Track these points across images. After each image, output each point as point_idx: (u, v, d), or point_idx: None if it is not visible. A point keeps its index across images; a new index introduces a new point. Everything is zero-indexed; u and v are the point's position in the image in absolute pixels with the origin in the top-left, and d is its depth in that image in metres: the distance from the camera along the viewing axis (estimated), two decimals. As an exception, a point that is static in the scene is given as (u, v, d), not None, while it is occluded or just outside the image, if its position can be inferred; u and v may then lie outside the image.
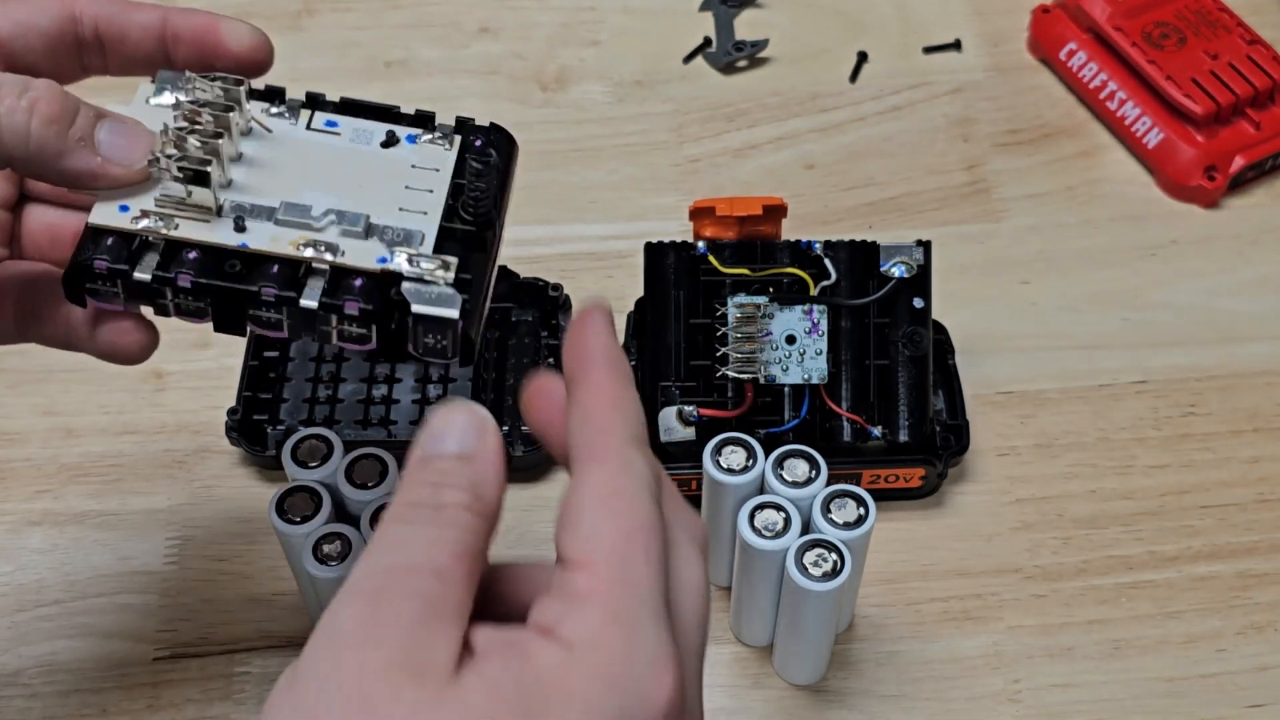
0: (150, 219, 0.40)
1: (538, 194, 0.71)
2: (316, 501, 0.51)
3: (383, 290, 0.40)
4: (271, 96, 0.44)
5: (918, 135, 0.74)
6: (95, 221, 0.40)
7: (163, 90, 0.43)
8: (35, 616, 0.57)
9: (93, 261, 0.40)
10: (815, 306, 0.57)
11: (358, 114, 0.44)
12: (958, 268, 0.67)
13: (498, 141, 0.44)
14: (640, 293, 0.60)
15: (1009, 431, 0.63)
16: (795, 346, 0.57)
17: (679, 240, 0.58)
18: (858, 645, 0.57)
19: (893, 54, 0.77)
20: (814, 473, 0.52)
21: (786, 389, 0.57)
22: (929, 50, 0.77)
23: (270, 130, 0.43)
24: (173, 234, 0.40)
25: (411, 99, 0.74)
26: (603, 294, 0.66)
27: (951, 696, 0.56)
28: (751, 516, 0.51)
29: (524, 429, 0.59)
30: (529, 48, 0.78)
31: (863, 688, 0.56)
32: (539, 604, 0.34)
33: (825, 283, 0.57)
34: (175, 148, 0.41)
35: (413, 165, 0.43)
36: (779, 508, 0.51)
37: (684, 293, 0.58)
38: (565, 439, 0.37)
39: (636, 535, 0.34)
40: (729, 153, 0.73)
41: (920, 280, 0.57)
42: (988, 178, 0.72)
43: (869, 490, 0.52)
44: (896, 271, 0.57)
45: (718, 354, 0.57)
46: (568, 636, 0.33)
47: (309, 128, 0.44)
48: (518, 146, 0.45)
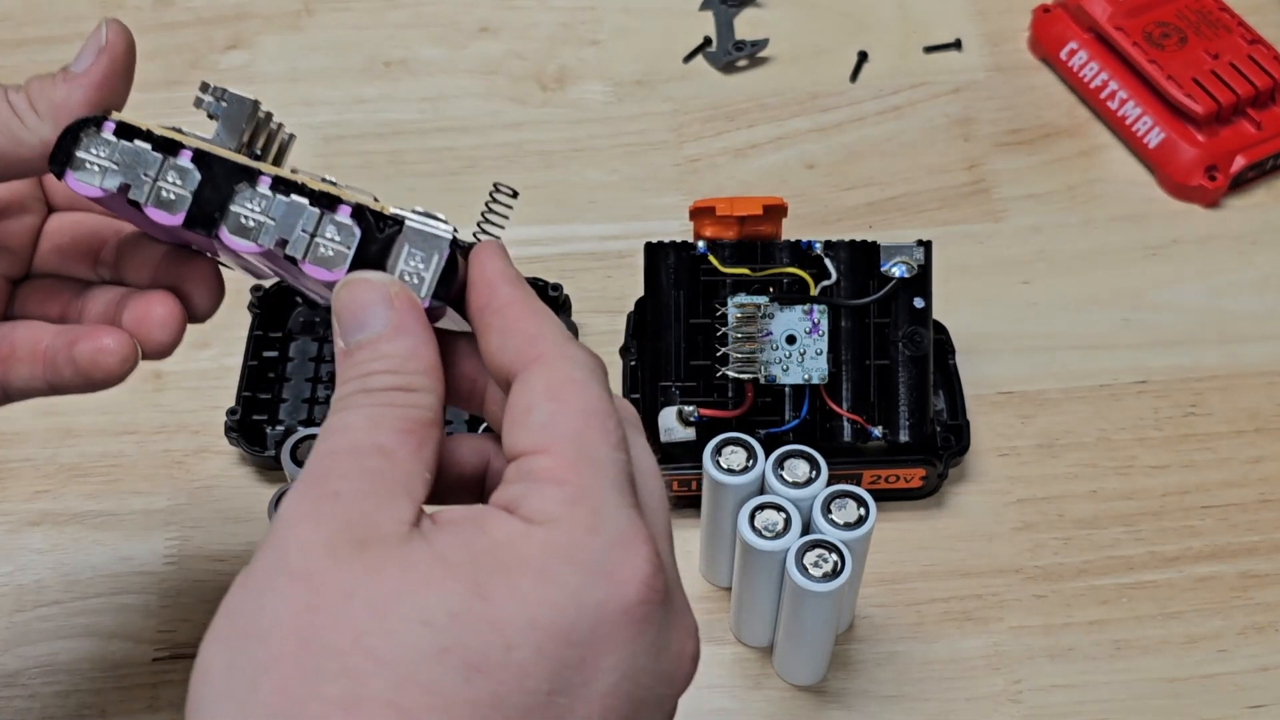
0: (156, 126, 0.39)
1: (538, 194, 0.71)
2: (316, 502, 0.51)
3: (375, 215, 0.38)
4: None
5: (918, 135, 0.74)
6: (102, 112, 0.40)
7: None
8: (34, 617, 0.57)
9: (102, 119, 0.39)
10: (815, 306, 0.57)
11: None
12: (958, 268, 0.67)
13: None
14: (640, 293, 0.60)
15: (1009, 432, 0.63)
16: (795, 346, 0.57)
17: (679, 240, 0.58)
18: (858, 646, 0.57)
19: (893, 53, 0.77)
20: (814, 473, 0.52)
21: (787, 389, 0.57)
22: (929, 50, 0.77)
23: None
24: (161, 132, 0.39)
25: (411, 99, 0.75)
26: (603, 294, 0.66)
27: (952, 697, 0.55)
28: (752, 517, 0.51)
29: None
30: (529, 47, 0.77)
31: (863, 688, 0.56)
32: (500, 489, 0.33)
33: (825, 283, 0.57)
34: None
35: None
36: (779, 508, 0.51)
37: (684, 293, 0.58)
38: (476, 321, 0.36)
39: (594, 418, 0.33)
40: (729, 152, 0.73)
41: (921, 280, 0.57)
42: (988, 177, 0.72)
43: (869, 490, 0.52)
44: (897, 271, 0.57)
45: (718, 354, 0.57)
46: (528, 513, 0.32)
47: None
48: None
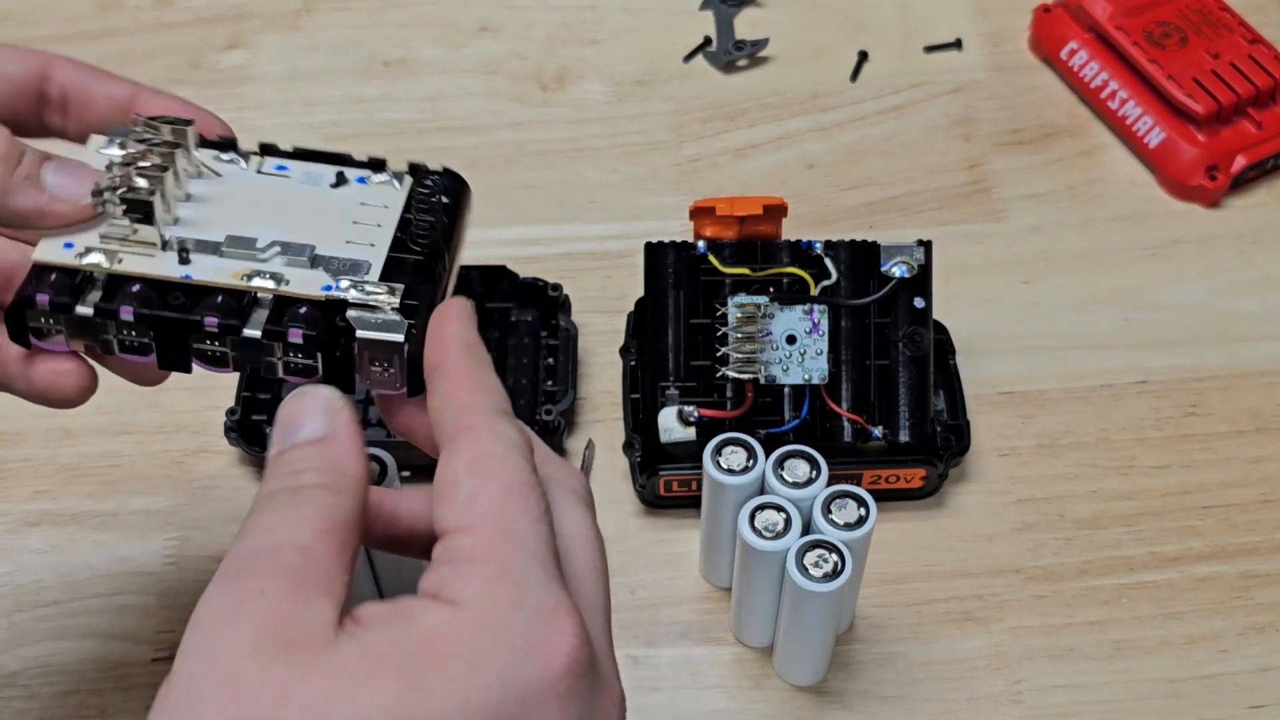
0: (94, 254, 0.40)
1: (538, 194, 0.71)
2: (315, 502, 0.51)
3: (328, 318, 0.39)
4: (223, 146, 0.43)
5: (918, 135, 0.74)
6: (39, 258, 0.40)
7: (113, 142, 0.42)
8: (33, 617, 0.57)
9: (34, 295, 0.39)
10: (816, 306, 0.57)
11: (310, 160, 0.43)
12: (958, 267, 0.67)
13: (449, 184, 0.43)
14: (640, 293, 0.60)
15: (1010, 432, 0.63)
16: (795, 346, 0.57)
17: (679, 240, 0.58)
18: (858, 646, 0.57)
19: (893, 53, 0.77)
20: (814, 473, 0.52)
21: (787, 389, 0.57)
22: (930, 49, 0.77)
23: (220, 174, 0.42)
24: (116, 268, 0.40)
25: (411, 98, 0.75)
26: (602, 294, 0.66)
27: (952, 697, 0.55)
28: (752, 517, 0.51)
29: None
30: (529, 47, 0.77)
31: (863, 689, 0.56)
32: (424, 575, 0.33)
33: (826, 282, 0.57)
34: (120, 182, 0.40)
35: (362, 203, 0.42)
36: (779, 508, 0.51)
37: (684, 293, 0.58)
38: (426, 380, 0.37)
39: (514, 493, 0.33)
40: (729, 152, 0.73)
41: (921, 280, 0.57)
42: (989, 177, 0.72)
43: (870, 491, 0.52)
44: (897, 271, 0.57)
45: (718, 354, 0.57)
46: (452, 596, 0.32)
47: (260, 171, 0.43)
48: (470, 189, 0.44)
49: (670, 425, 0.57)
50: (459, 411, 0.35)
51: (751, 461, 0.52)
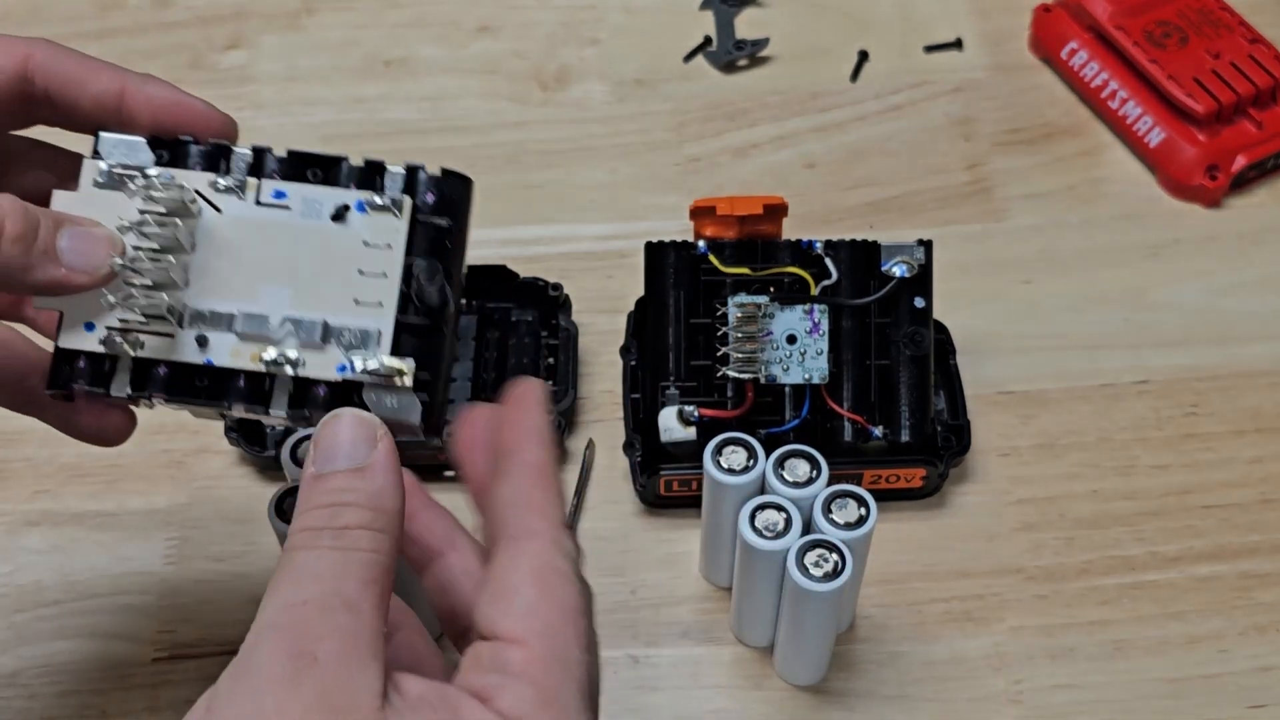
0: (116, 337, 0.41)
1: (538, 194, 0.71)
2: (316, 502, 0.51)
3: (346, 395, 0.40)
4: (217, 161, 0.42)
5: (919, 134, 0.74)
6: (65, 346, 0.41)
7: (110, 164, 0.42)
8: (34, 617, 0.57)
9: (69, 386, 0.42)
10: (816, 306, 0.57)
11: (305, 168, 0.42)
12: (959, 267, 0.67)
13: (449, 193, 0.42)
14: (640, 293, 0.60)
15: (1010, 432, 0.63)
16: (796, 346, 0.57)
17: (679, 240, 0.58)
18: (859, 646, 0.57)
19: (894, 53, 0.77)
20: (815, 473, 0.52)
21: (787, 389, 0.57)
22: (930, 49, 0.77)
23: (220, 210, 0.42)
24: (139, 354, 0.41)
25: (411, 98, 0.75)
26: (602, 294, 0.66)
27: (953, 697, 0.55)
28: (752, 517, 0.51)
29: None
30: (529, 47, 0.77)
31: (864, 689, 0.56)
32: (471, 671, 0.34)
33: (826, 282, 0.57)
34: (134, 271, 0.40)
35: (364, 243, 0.41)
36: (780, 508, 0.51)
37: (684, 292, 0.58)
38: (480, 476, 0.38)
39: (570, 617, 0.35)
40: (729, 152, 0.73)
41: (921, 280, 0.57)
42: (989, 177, 0.72)
43: (870, 490, 0.52)
44: (898, 271, 0.57)
45: (718, 354, 0.57)
46: (502, 709, 0.33)
47: (259, 202, 0.42)
48: (472, 186, 0.43)
49: (671, 425, 0.57)
50: (528, 512, 0.36)
51: (752, 461, 0.52)
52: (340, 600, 0.34)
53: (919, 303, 0.57)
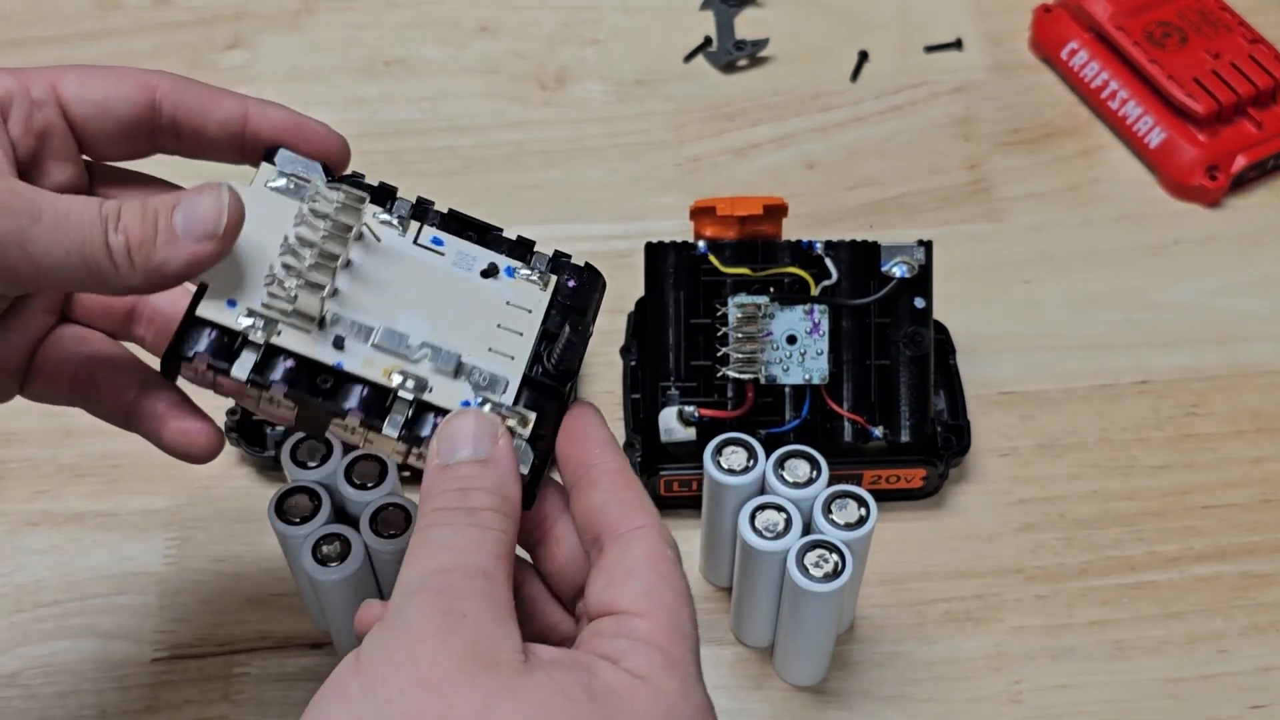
0: (255, 320, 0.41)
1: (538, 194, 0.71)
2: (316, 502, 0.51)
3: None
4: (383, 198, 0.44)
5: (919, 135, 0.74)
6: (202, 314, 0.41)
7: (282, 175, 0.43)
8: (34, 617, 0.57)
9: (192, 355, 0.41)
10: (816, 306, 0.57)
11: (463, 229, 0.45)
12: (959, 267, 0.67)
13: (588, 282, 0.45)
14: (640, 293, 0.60)
15: (1010, 432, 0.63)
16: (796, 346, 0.57)
17: (679, 240, 0.58)
18: (859, 646, 0.57)
19: (894, 53, 0.77)
20: (815, 473, 0.52)
21: (787, 389, 0.57)
22: (930, 49, 0.77)
23: (380, 239, 0.43)
24: (275, 341, 0.41)
25: (411, 98, 0.75)
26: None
27: (953, 697, 0.55)
28: (752, 517, 0.51)
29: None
30: (529, 47, 0.77)
31: (864, 689, 0.56)
32: (594, 640, 0.38)
33: (826, 282, 0.57)
34: (293, 257, 0.41)
35: (507, 302, 0.44)
36: (780, 508, 0.51)
37: (684, 292, 0.58)
38: (575, 472, 0.41)
39: (684, 597, 0.39)
40: (729, 152, 0.73)
41: (921, 280, 0.57)
42: (989, 177, 0.72)
43: (870, 491, 0.52)
44: (898, 271, 0.57)
45: (718, 354, 0.57)
46: (632, 668, 0.36)
47: (415, 242, 0.44)
48: (604, 285, 0.46)
49: (671, 425, 0.57)
50: (629, 508, 0.40)
51: (752, 461, 0.52)
52: (479, 569, 0.37)
53: (919, 303, 0.57)
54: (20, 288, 0.39)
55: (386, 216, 0.44)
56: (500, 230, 0.45)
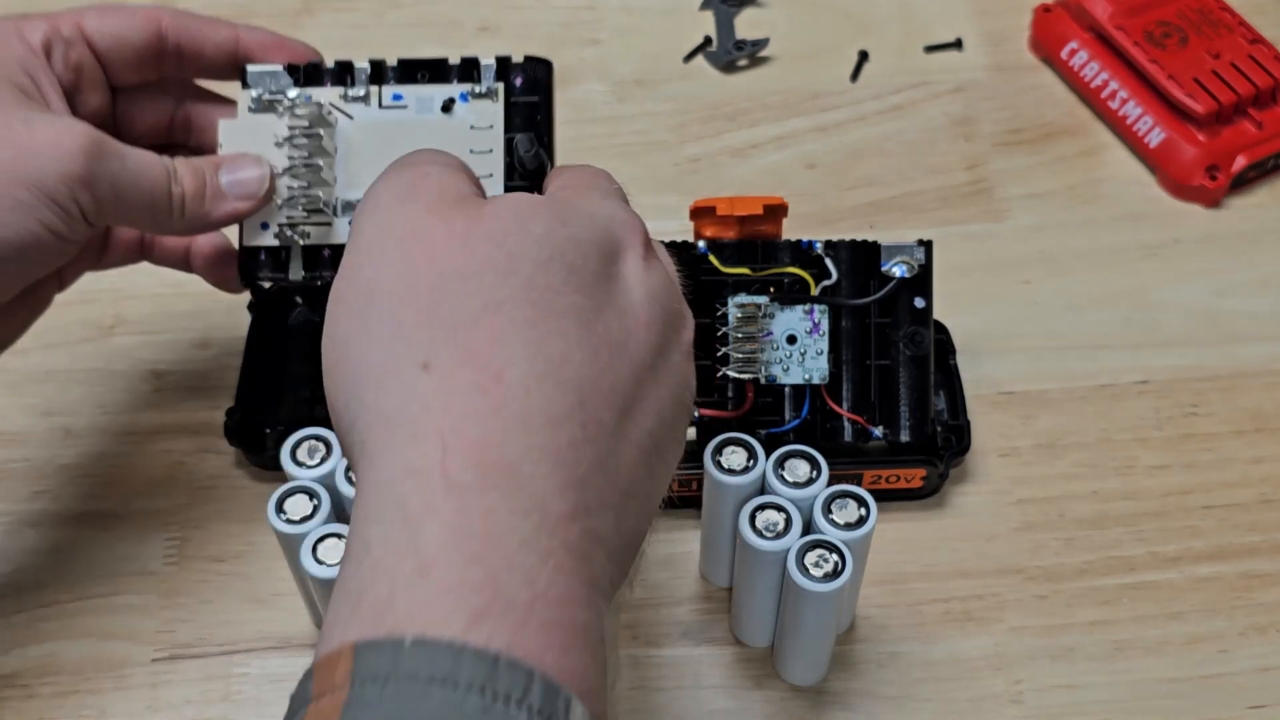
0: (287, 231, 0.52)
1: (538, 194, 0.71)
2: (316, 501, 0.51)
3: None
4: (343, 77, 0.54)
5: (919, 135, 0.74)
6: (248, 244, 0.53)
7: (258, 92, 0.53)
8: (33, 617, 0.57)
9: (256, 277, 0.54)
10: (816, 306, 0.57)
11: (415, 73, 0.53)
12: (959, 267, 0.67)
13: (535, 74, 0.53)
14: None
15: (1010, 432, 0.63)
16: (796, 346, 0.57)
17: (679, 240, 0.58)
18: (859, 646, 0.57)
19: (894, 53, 0.77)
20: (815, 473, 0.52)
21: (787, 389, 0.57)
22: (930, 49, 0.77)
23: (351, 116, 0.53)
24: (307, 243, 0.52)
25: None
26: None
27: (953, 697, 0.55)
28: (752, 517, 0.51)
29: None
30: (529, 47, 0.77)
31: (864, 689, 0.56)
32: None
33: (826, 282, 0.57)
34: (290, 177, 0.52)
35: (471, 126, 0.52)
36: (780, 508, 0.51)
37: (684, 292, 0.57)
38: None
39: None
40: (729, 152, 0.73)
41: (921, 280, 0.57)
42: (989, 177, 0.72)
43: (870, 491, 0.52)
44: (898, 271, 0.57)
45: (718, 354, 0.57)
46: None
47: (381, 106, 0.53)
48: (552, 66, 0.54)
49: (670, 425, 0.56)
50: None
51: (752, 461, 0.52)
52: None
53: (919, 303, 0.57)
54: (103, 220, 0.49)
55: (352, 93, 0.53)
56: (445, 59, 0.54)
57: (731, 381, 0.57)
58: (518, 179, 0.50)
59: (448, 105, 0.52)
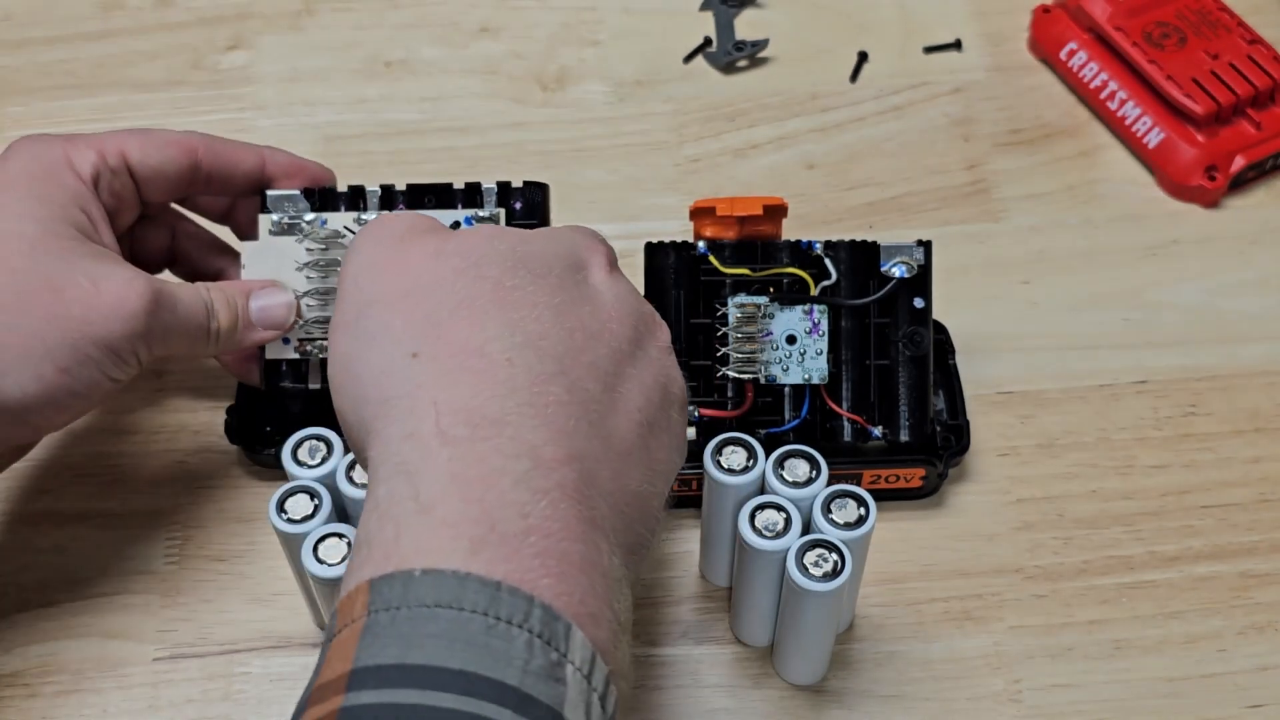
0: (306, 346, 0.57)
1: (538, 194, 0.71)
2: (316, 501, 0.51)
3: None
4: (356, 201, 0.58)
5: (918, 135, 0.74)
6: (271, 356, 0.58)
7: (279, 218, 0.57)
8: (35, 616, 0.57)
9: (280, 386, 0.58)
10: (816, 306, 0.57)
11: (422, 198, 0.57)
12: (958, 268, 0.67)
13: (532, 198, 0.57)
14: (641, 293, 0.59)
15: (1009, 431, 0.63)
16: (796, 346, 0.57)
17: (679, 240, 0.58)
18: (858, 645, 0.57)
19: (893, 54, 0.77)
20: (814, 473, 0.52)
21: (787, 389, 0.57)
22: (929, 50, 0.77)
23: None
24: (323, 356, 0.57)
25: (411, 99, 0.75)
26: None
27: (952, 697, 0.55)
28: (752, 517, 0.51)
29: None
30: (529, 47, 0.77)
31: (863, 688, 0.56)
32: None
33: (826, 283, 0.57)
34: (309, 299, 0.57)
35: None
36: (779, 508, 0.51)
37: (684, 293, 0.58)
38: None
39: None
40: (729, 153, 0.73)
41: (921, 280, 0.57)
42: (988, 177, 0.72)
43: (869, 490, 0.52)
44: (897, 271, 0.57)
45: (718, 354, 0.57)
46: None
47: None
48: (549, 189, 0.58)
49: (670, 425, 0.57)
50: None
51: (751, 461, 0.52)
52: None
53: (918, 303, 0.57)
54: (152, 359, 0.53)
55: (365, 216, 0.57)
56: (450, 184, 0.57)
57: (731, 381, 0.57)
58: None
59: (454, 228, 0.52)
